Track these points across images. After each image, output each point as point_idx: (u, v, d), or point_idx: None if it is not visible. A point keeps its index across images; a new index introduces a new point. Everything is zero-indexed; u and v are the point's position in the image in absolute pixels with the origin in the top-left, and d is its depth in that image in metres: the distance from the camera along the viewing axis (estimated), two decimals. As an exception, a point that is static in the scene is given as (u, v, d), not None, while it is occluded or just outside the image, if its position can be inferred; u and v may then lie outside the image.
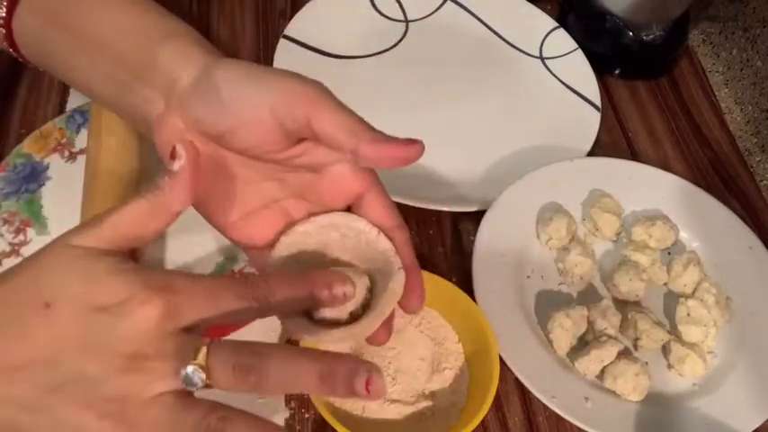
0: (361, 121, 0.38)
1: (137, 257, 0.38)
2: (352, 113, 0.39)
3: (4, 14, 0.44)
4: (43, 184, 0.62)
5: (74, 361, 0.33)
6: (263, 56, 0.78)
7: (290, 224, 0.43)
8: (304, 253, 0.43)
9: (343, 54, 0.79)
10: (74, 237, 0.35)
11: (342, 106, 0.38)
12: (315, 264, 0.43)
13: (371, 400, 0.39)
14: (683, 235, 0.68)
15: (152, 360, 0.33)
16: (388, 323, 0.42)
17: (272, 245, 0.43)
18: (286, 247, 0.43)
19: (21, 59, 0.47)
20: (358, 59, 0.79)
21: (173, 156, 0.36)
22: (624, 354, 0.59)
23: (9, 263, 0.58)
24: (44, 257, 0.35)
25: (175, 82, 0.40)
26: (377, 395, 0.35)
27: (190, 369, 0.33)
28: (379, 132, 0.39)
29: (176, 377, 0.34)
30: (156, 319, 0.33)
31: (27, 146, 0.63)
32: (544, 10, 0.85)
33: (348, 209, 0.44)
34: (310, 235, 0.43)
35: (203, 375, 0.34)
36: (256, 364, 0.34)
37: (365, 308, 0.41)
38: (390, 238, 0.43)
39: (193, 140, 0.38)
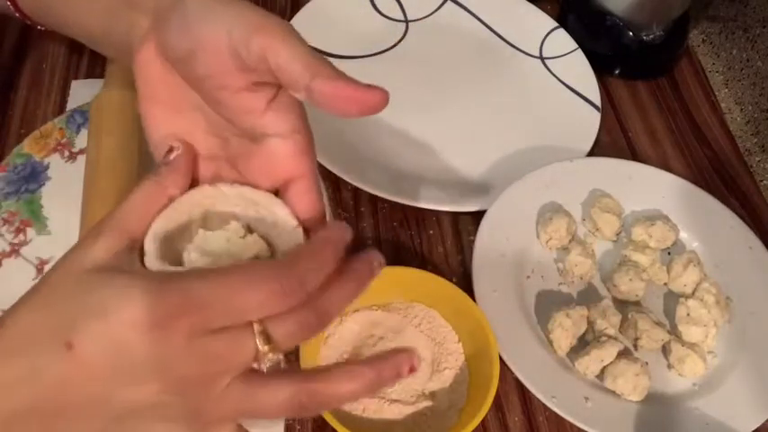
0: (322, 58, 0.36)
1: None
2: (312, 51, 0.36)
3: None
4: (43, 184, 0.62)
5: (120, 395, 0.32)
6: (263, 56, 0.77)
7: (217, 179, 0.41)
8: (213, 213, 0.40)
9: (343, 54, 0.79)
10: (86, 256, 0.34)
11: (302, 43, 0.36)
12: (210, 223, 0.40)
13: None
14: (683, 235, 0.68)
15: (198, 376, 0.33)
16: None
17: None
18: (200, 197, 0.40)
19: (18, 14, 0.47)
20: (358, 59, 0.79)
21: (169, 151, 0.38)
22: (624, 354, 0.59)
23: (9, 263, 0.57)
24: (56, 288, 0.33)
25: (158, 5, 0.39)
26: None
27: (270, 357, 0.33)
28: (340, 72, 0.36)
29: (233, 371, 0.33)
30: (183, 341, 0.32)
31: (27, 146, 0.63)
32: (544, 10, 0.85)
33: (276, 193, 0.42)
34: (228, 198, 0.40)
35: (280, 355, 0.33)
36: (322, 313, 0.34)
37: None
38: (309, 232, 0.40)
39: (161, 68, 0.39)
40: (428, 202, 0.68)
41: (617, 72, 0.83)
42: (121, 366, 0.32)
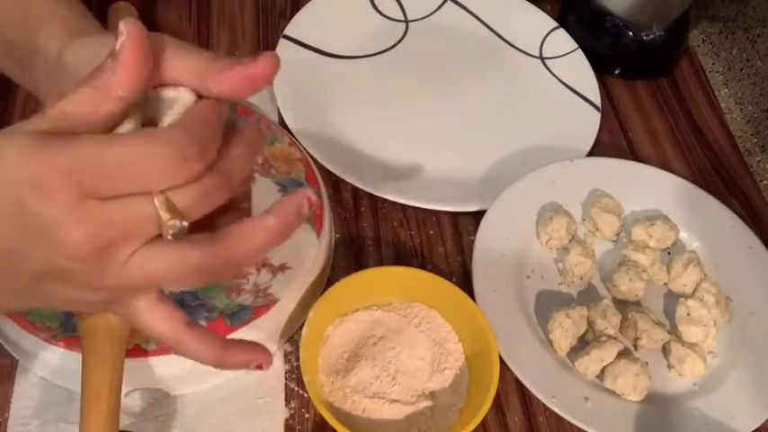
0: (201, 57, 0.36)
1: None
2: (191, 53, 0.36)
3: None
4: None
5: (31, 253, 0.32)
6: (263, 56, 0.77)
7: None
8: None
9: (343, 54, 0.79)
10: (27, 122, 0.33)
11: (180, 51, 0.36)
12: None
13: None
14: (683, 235, 0.68)
15: (91, 242, 0.32)
16: None
17: None
18: None
19: None
20: (358, 59, 0.79)
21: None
22: (624, 354, 0.59)
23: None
24: None
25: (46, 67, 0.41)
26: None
27: (171, 224, 0.32)
28: (224, 62, 0.35)
29: (134, 240, 0.32)
30: (70, 203, 0.31)
31: (27, 146, 0.63)
32: (544, 10, 0.85)
33: None
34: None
35: (184, 222, 0.33)
36: (225, 183, 0.34)
37: None
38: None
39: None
40: (428, 202, 0.68)
41: (617, 72, 0.83)
42: (21, 223, 0.32)
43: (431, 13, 0.84)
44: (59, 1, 0.45)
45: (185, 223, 0.33)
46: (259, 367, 0.39)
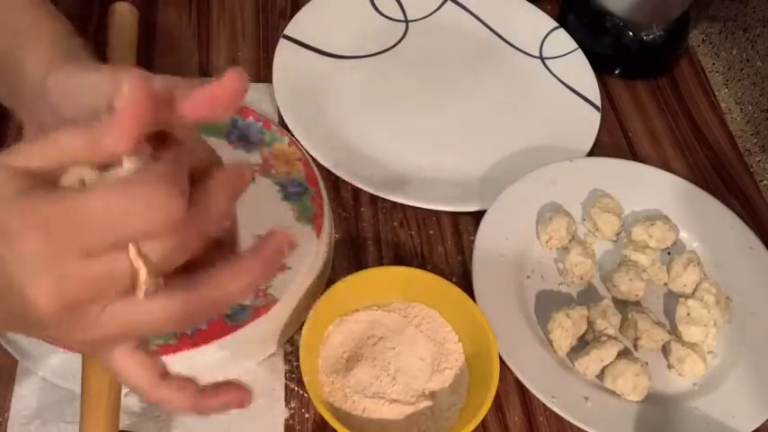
0: (167, 82, 0.35)
1: None
2: (156, 79, 0.35)
3: None
4: (43, 184, 0.62)
5: (6, 297, 0.31)
6: (263, 56, 0.78)
7: None
8: None
9: (343, 54, 0.79)
10: (9, 155, 0.32)
11: (155, 76, 0.35)
12: None
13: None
14: (683, 235, 0.68)
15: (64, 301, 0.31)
16: None
17: None
18: None
19: None
20: (358, 59, 0.79)
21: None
22: (624, 354, 0.59)
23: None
24: None
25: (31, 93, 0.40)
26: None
27: (146, 281, 0.31)
28: (189, 83, 0.34)
29: (106, 296, 0.31)
30: (43, 258, 0.30)
31: (27, 146, 0.63)
32: (544, 10, 0.85)
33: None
34: None
35: (160, 279, 0.32)
36: (200, 233, 0.33)
37: None
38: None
39: None
40: (428, 202, 0.68)
41: (617, 72, 0.83)
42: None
43: (431, 13, 0.84)
44: (44, 16, 0.44)
45: (161, 280, 0.32)
46: (240, 406, 0.38)
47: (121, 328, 0.33)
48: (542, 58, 0.82)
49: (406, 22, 0.83)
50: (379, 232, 0.67)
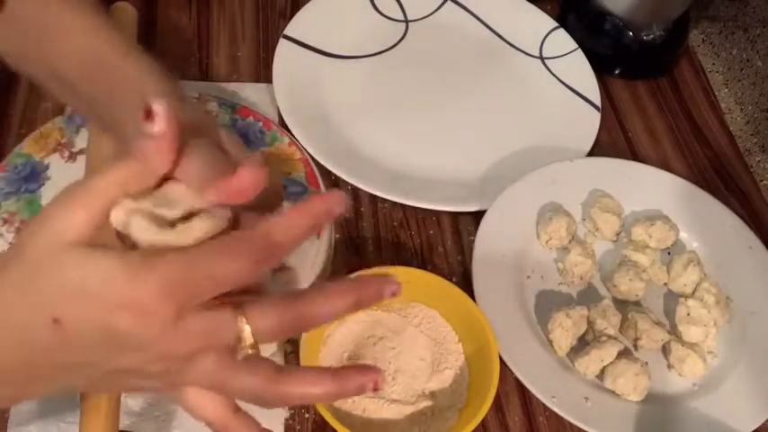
0: (206, 163, 0.37)
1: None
2: (199, 158, 0.37)
3: None
4: (43, 185, 0.62)
5: (108, 361, 0.34)
6: (263, 56, 0.78)
7: None
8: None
9: (343, 54, 0.79)
10: (64, 230, 0.33)
11: (193, 152, 0.37)
12: None
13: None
14: (683, 235, 0.68)
15: (179, 352, 0.34)
16: None
17: None
18: None
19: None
20: (358, 59, 0.79)
21: (148, 116, 0.34)
22: (624, 354, 0.59)
23: (9, 263, 0.57)
24: (37, 264, 0.33)
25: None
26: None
27: (247, 347, 0.34)
28: (217, 176, 0.36)
29: (211, 350, 0.34)
30: (166, 324, 0.33)
31: (27, 146, 0.63)
32: (544, 10, 0.85)
33: None
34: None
35: (258, 350, 0.35)
36: (301, 316, 0.35)
37: None
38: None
39: None
40: (428, 202, 0.68)
41: (617, 72, 0.83)
42: (108, 342, 0.33)
43: (431, 13, 0.84)
44: (150, 75, 0.45)
45: (259, 351, 0.35)
46: None
47: (210, 380, 0.36)
48: (542, 58, 0.82)
49: (406, 22, 0.83)
50: (379, 232, 0.67)
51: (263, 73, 0.76)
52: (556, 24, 0.83)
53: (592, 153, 0.74)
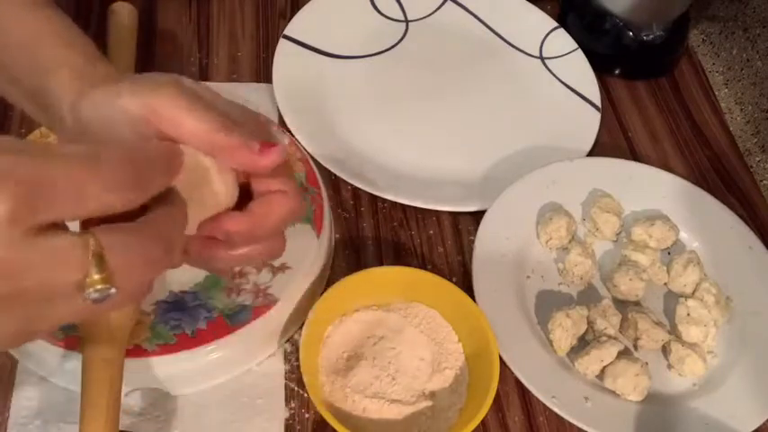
0: (216, 125, 0.38)
1: None
2: (205, 117, 0.38)
3: None
4: (43, 184, 0.62)
5: None
6: (263, 56, 0.78)
7: None
8: None
9: (343, 54, 0.79)
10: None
11: (195, 110, 0.38)
12: None
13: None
14: (683, 235, 0.68)
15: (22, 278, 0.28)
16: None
17: None
18: None
19: None
20: (358, 59, 0.79)
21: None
22: (624, 354, 0.59)
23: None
24: None
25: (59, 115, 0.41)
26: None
27: (96, 289, 0.29)
28: (233, 136, 0.38)
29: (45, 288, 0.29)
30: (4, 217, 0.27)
31: (27, 146, 0.63)
32: (544, 10, 0.85)
33: None
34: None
35: (111, 289, 0.30)
36: (165, 249, 0.33)
37: None
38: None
39: None
40: (428, 202, 0.68)
41: (617, 72, 0.83)
42: None
43: (431, 13, 0.84)
44: (70, 47, 0.44)
45: (112, 290, 0.30)
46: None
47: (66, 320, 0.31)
48: (542, 58, 0.82)
49: (406, 22, 0.83)
50: (379, 232, 0.67)
51: (262, 73, 0.76)
52: (556, 24, 0.83)
53: (592, 153, 0.74)
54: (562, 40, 0.83)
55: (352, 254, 0.65)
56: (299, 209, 0.41)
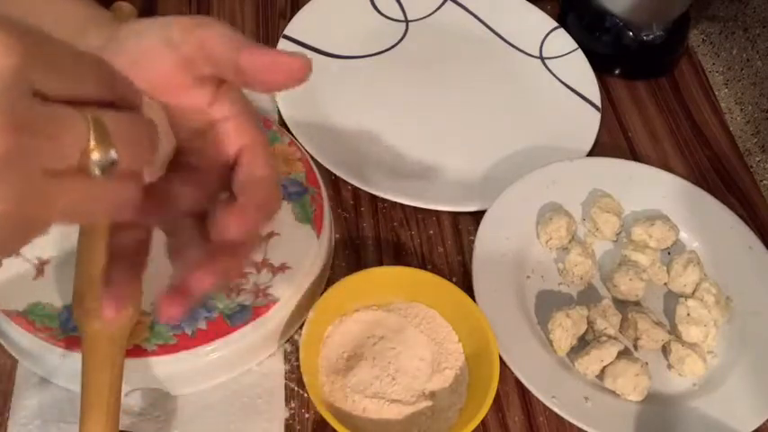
0: (248, 40, 0.38)
1: None
2: (241, 35, 0.38)
3: None
4: (43, 184, 0.62)
5: None
6: (263, 56, 0.77)
7: None
8: None
9: (343, 54, 0.79)
10: None
11: (232, 30, 0.38)
12: None
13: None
14: (683, 235, 0.68)
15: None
16: None
17: None
18: None
19: None
20: (358, 59, 0.79)
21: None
22: (624, 354, 0.59)
23: (9, 262, 0.57)
24: None
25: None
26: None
27: (99, 157, 0.29)
28: (264, 46, 0.38)
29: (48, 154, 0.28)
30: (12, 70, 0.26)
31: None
32: (544, 10, 0.85)
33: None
34: None
35: (113, 153, 0.29)
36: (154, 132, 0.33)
37: None
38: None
39: None
40: (428, 202, 0.68)
41: (617, 72, 0.83)
42: None
43: (431, 13, 0.84)
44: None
45: (113, 155, 0.29)
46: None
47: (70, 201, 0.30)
48: (542, 58, 0.82)
49: (406, 22, 0.83)
50: (379, 232, 0.67)
51: (262, 73, 0.76)
52: (556, 24, 0.83)
53: (592, 153, 0.74)
54: (562, 40, 0.83)
55: (352, 254, 0.65)
56: (274, 174, 0.40)
